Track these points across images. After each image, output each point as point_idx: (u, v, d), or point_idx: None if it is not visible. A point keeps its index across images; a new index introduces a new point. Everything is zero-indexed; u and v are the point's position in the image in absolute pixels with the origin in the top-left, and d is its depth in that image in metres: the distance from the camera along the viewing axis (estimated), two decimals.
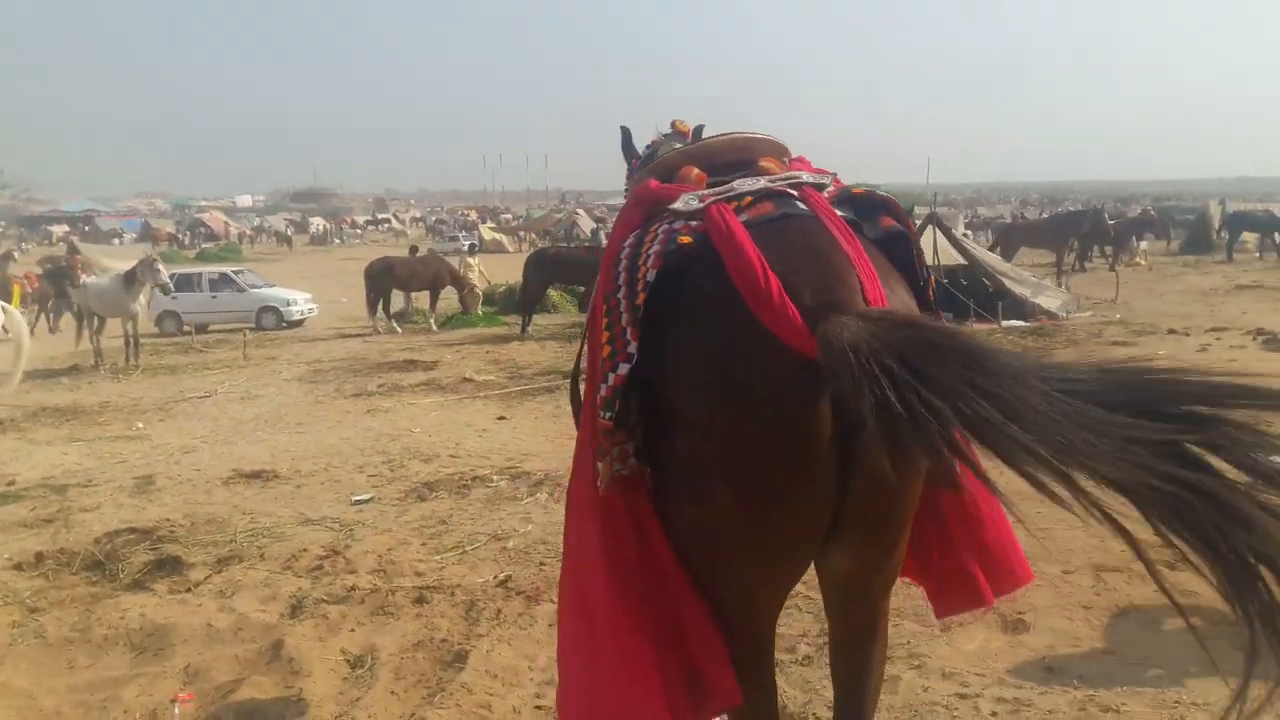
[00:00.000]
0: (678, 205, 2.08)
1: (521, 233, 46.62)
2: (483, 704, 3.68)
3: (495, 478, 7.01)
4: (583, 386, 2.26)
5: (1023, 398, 1.47)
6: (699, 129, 3.22)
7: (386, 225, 68.38)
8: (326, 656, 4.10)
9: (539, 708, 3.66)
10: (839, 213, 2.01)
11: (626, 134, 3.21)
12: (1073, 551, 4.65)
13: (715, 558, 1.93)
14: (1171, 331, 13.24)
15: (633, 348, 1.91)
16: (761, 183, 2.09)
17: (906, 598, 3.87)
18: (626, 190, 3.42)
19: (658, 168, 2.41)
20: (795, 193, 2.04)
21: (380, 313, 17.50)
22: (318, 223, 64.01)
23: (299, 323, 19.27)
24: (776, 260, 1.80)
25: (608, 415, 1.92)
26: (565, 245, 26.91)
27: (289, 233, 57.41)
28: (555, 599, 4.40)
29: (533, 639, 4.21)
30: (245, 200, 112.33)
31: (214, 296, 19.48)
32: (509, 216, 63.10)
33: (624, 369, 1.90)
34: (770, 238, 1.86)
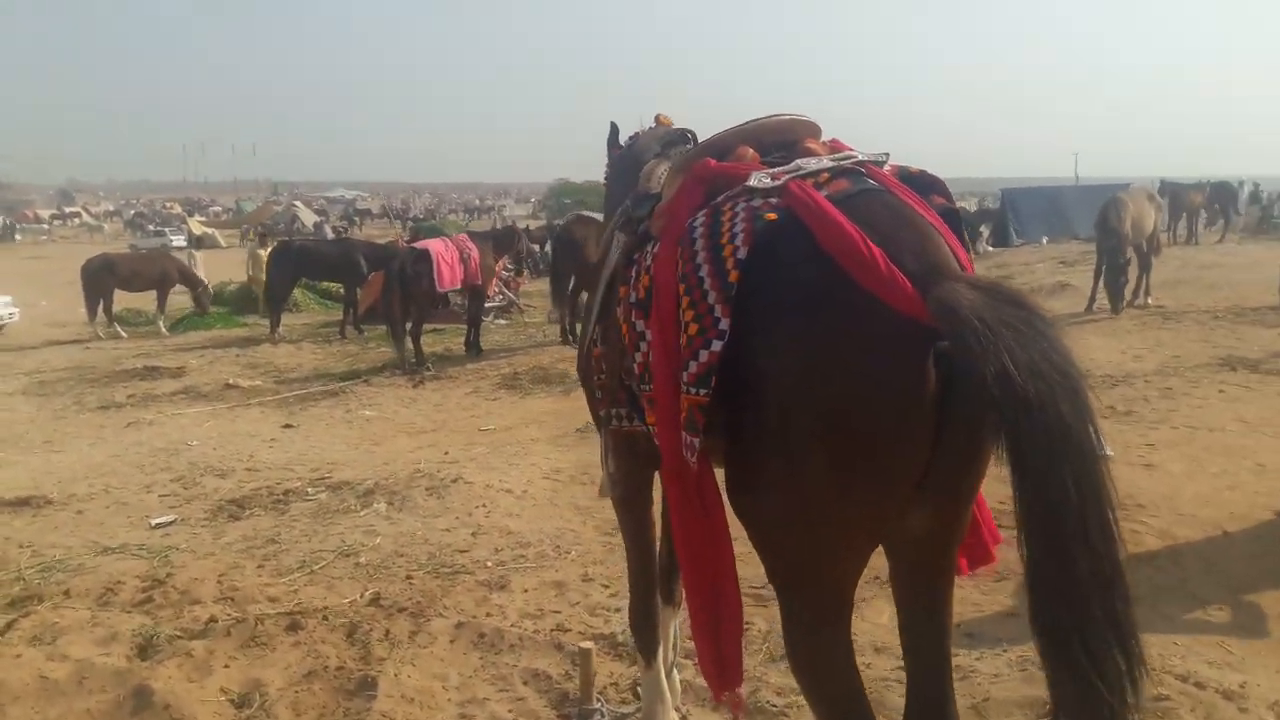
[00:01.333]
0: (752, 183, 2.07)
1: (245, 226, 43.68)
2: None
3: (310, 490, 6.53)
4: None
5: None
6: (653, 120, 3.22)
7: (77, 219, 61.51)
8: (206, 699, 3.63)
9: None
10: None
11: (614, 129, 3.39)
12: None
13: (807, 525, 1.93)
14: None
15: (724, 324, 1.92)
16: (826, 161, 2.11)
17: None
18: (607, 178, 3.39)
19: (709, 148, 2.37)
20: (863, 170, 2.07)
21: (101, 315, 15.77)
22: None
23: None
24: (871, 231, 1.84)
25: (703, 391, 1.95)
26: (311, 239, 25.53)
27: None
28: (444, 614, 4.24)
29: (436, 657, 3.94)
30: None
31: None
32: (218, 209, 58.89)
33: (718, 345, 1.92)
34: (857, 211, 1.90)
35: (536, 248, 18.98)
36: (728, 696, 2.27)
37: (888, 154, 2.19)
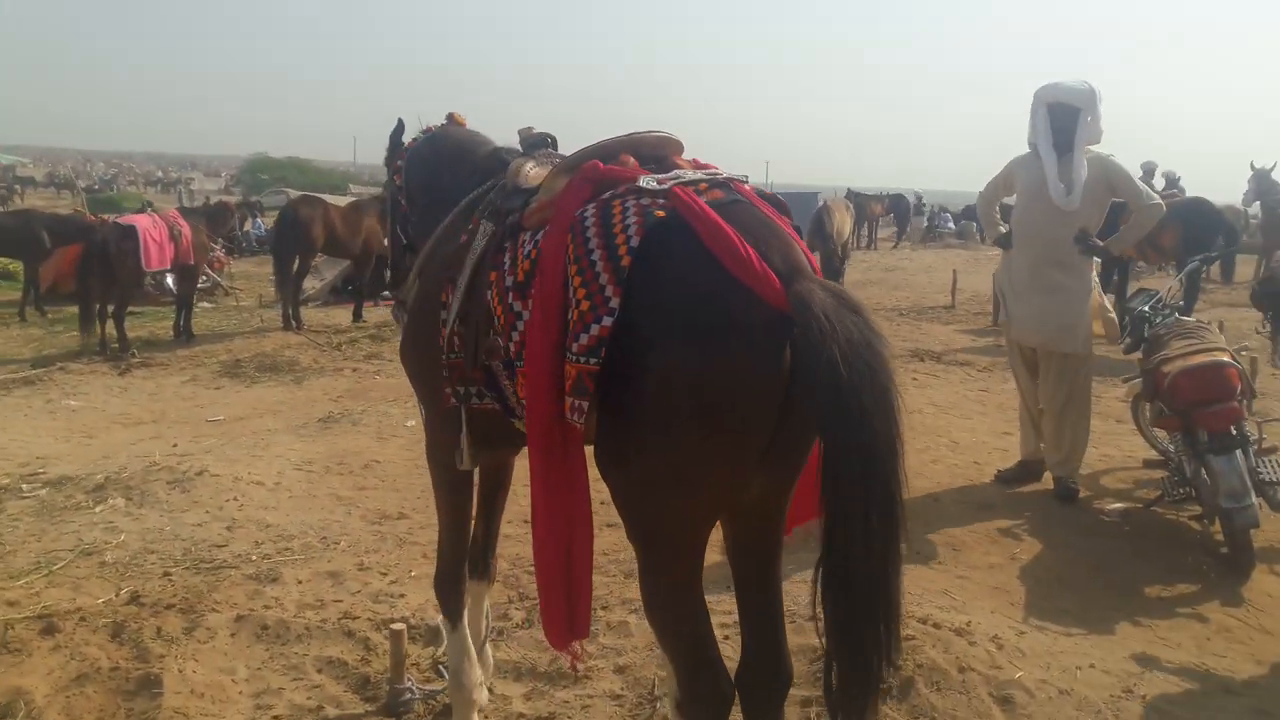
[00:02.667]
0: (642, 184, 2.33)
1: None
2: None
3: (25, 487, 5.94)
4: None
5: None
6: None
7: None
8: None
9: None
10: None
11: (401, 124, 3.61)
12: None
13: (675, 487, 2.19)
14: None
15: (615, 303, 2.16)
16: (701, 174, 2.39)
17: None
18: (393, 176, 3.48)
19: (595, 152, 2.60)
20: (731, 184, 2.39)
21: None
22: None
23: None
24: (746, 234, 2.15)
25: (594, 360, 2.18)
26: None
27: None
28: (217, 609, 4.11)
29: (219, 652, 3.82)
30: None
31: None
32: None
33: (609, 321, 2.16)
34: (733, 217, 2.20)
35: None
36: (572, 647, 2.52)
37: (747, 176, 2.49)
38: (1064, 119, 5.46)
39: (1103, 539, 5.11)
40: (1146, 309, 5.54)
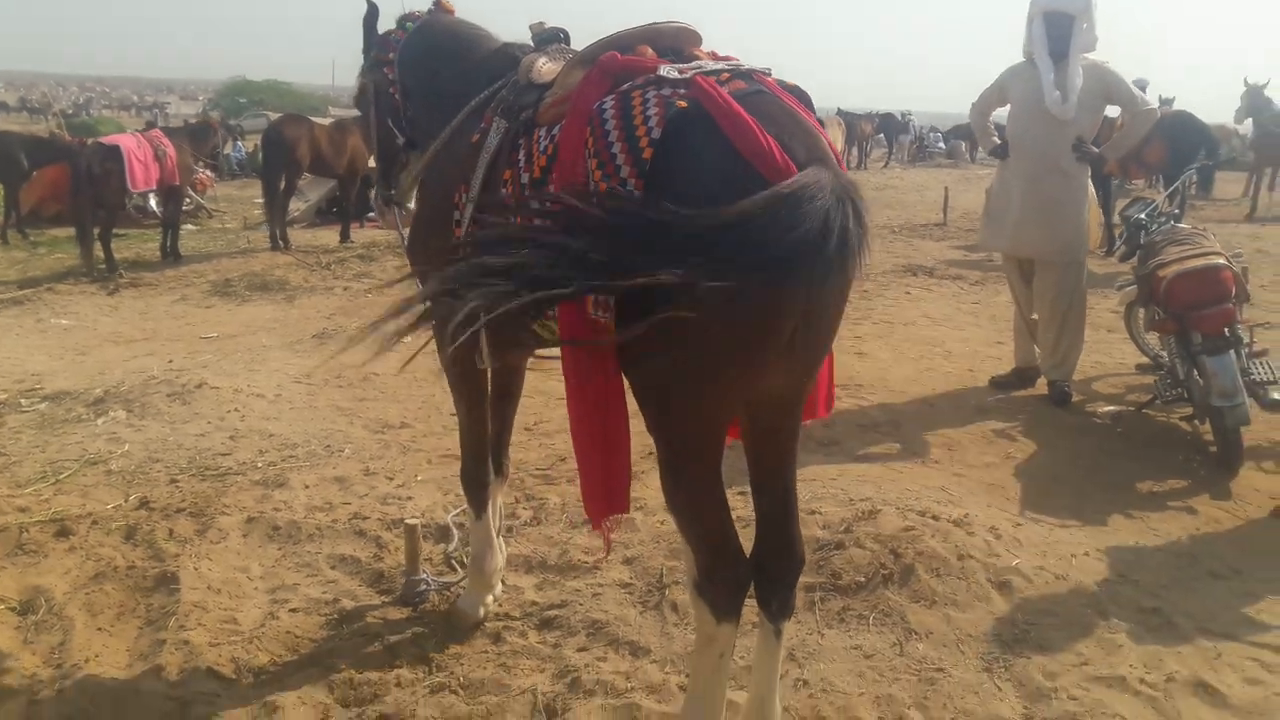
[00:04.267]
0: (663, 73, 2.28)
1: None
2: (225, 619, 3.39)
3: (24, 402, 5.95)
4: None
5: None
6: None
7: None
8: None
9: (279, 617, 3.47)
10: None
11: (373, 9, 3.45)
12: None
13: (696, 384, 2.20)
14: None
15: (637, 195, 2.13)
16: (722, 64, 2.35)
17: None
18: (381, 68, 3.37)
19: (613, 43, 2.53)
20: (753, 75, 2.34)
21: None
22: None
23: None
24: (768, 125, 2.12)
25: None
26: None
27: None
28: (226, 512, 4.17)
29: (232, 551, 3.89)
30: None
31: None
32: None
33: None
34: (755, 108, 2.16)
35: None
36: (610, 521, 2.55)
37: (769, 68, 2.43)
38: (1059, 27, 5.41)
39: (1096, 439, 5.21)
40: (1143, 216, 5.57)
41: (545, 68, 2.75)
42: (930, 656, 3.15)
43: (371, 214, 14.87)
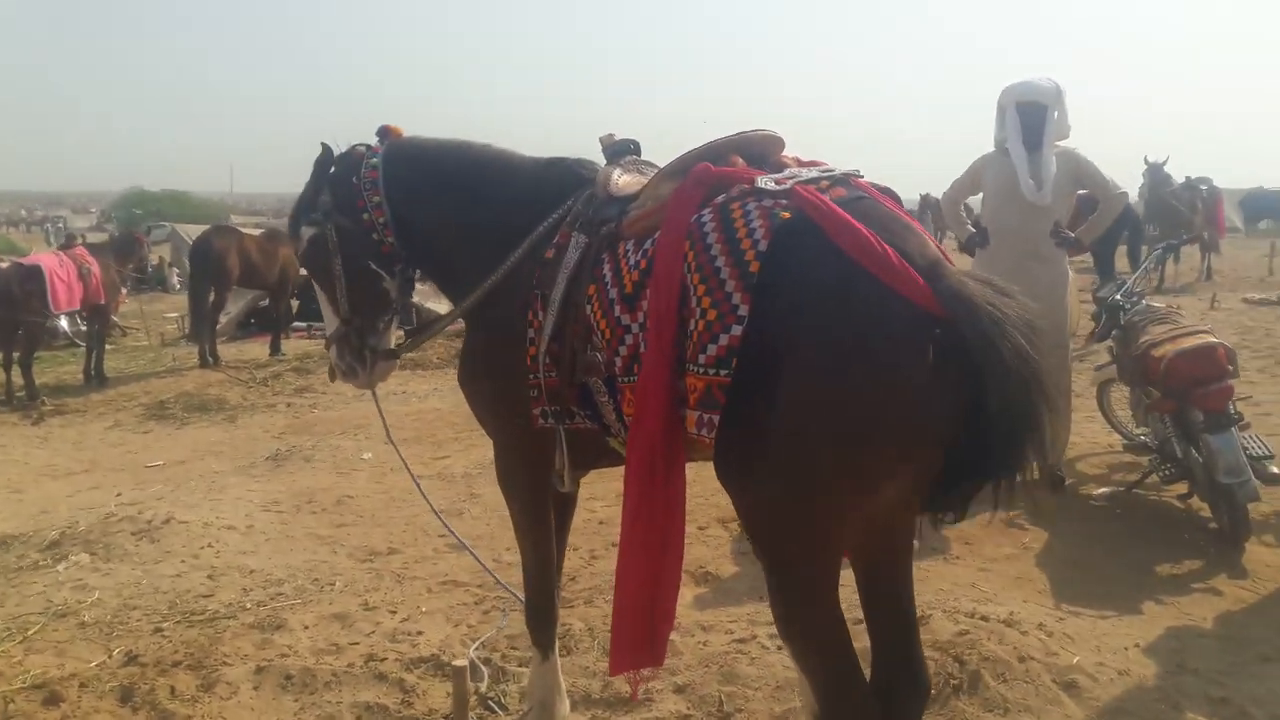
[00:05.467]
0: (761, 185, 2.24)
1: None
2: None
3: None
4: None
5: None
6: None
7: None
8: None
9: None
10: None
11: (329, 153, 3.13)
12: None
13: (809, 508, 2.10)
14: None
15: (743, 310, 2.07)
16: (818, 171, 2.31)
17: None
18: (314, 210, 3.11)
19: (705, 154, 2.46)
20: (850, 180, 2.30)
21: None
22: None
23: None
24: (879, 231, 2.06)
25: (724, 372, 2.09)
26: None
27: None
28: (229, 662, 3.86)
29: (246, 707, 3.57)
30: None
31: None
32: None
33: (738, 330, 2.07)
34: (861, 215, 2.11)
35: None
36: (644, 674, 2.52)
37: (860, 170, 2.39)
38: (1033, 116, 5.59)
39: (1100, 523, 5.23)
40: (1119, 297, 5.72)
41: (623, 180, 2.70)
42: None
43: (299, 324, 14.59)
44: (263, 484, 6.68)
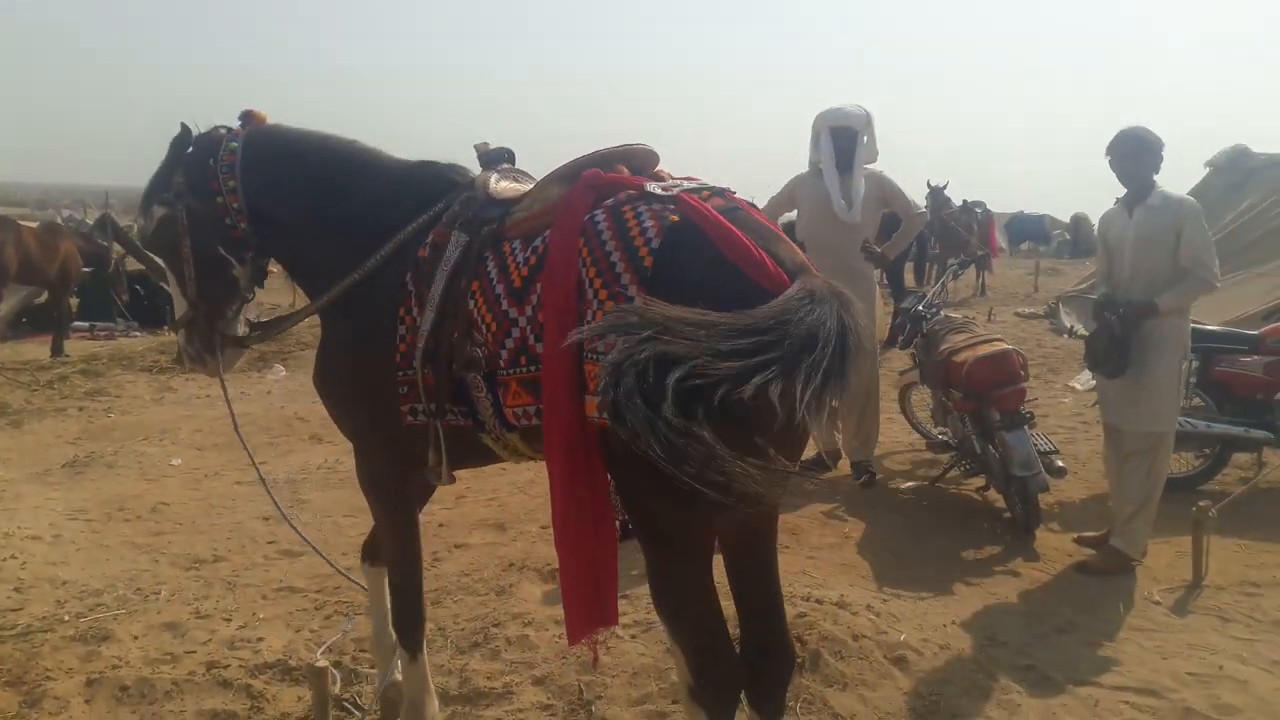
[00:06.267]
0: (650, 189, 2.40)
1: None
2: None
3: None
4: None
5: None
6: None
7: None
8: None
9: None
10: None
11: (186, 133, 3.11)
12: None
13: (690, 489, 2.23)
14: None
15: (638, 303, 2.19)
16: (697, 183, 2.48)
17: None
18: (166, 190, 3.08)
19: (593, 161, 2.58)
20: (724, 193, 2.49)
21: None
22: None
23: None
24: (754, 238, 2.28)
25: None
26: None
27: None
28: (53, 676, 3.66)
29: None
30: None
31: None
32: None
33: None
34: (738, 222, 2.31)
35: None
36: (597, 636, 2.53)
37: (733, 188, 2.56)
38: (844, 140, 6.02)
39: (908, 514, 5.69)
40: (921, 308, 6.22)
41: (502, 185, 2.78)
42: None
43: (80, 324, 13.58)
44: (64, 492, 6.23)
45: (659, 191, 2.38)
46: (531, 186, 2.71)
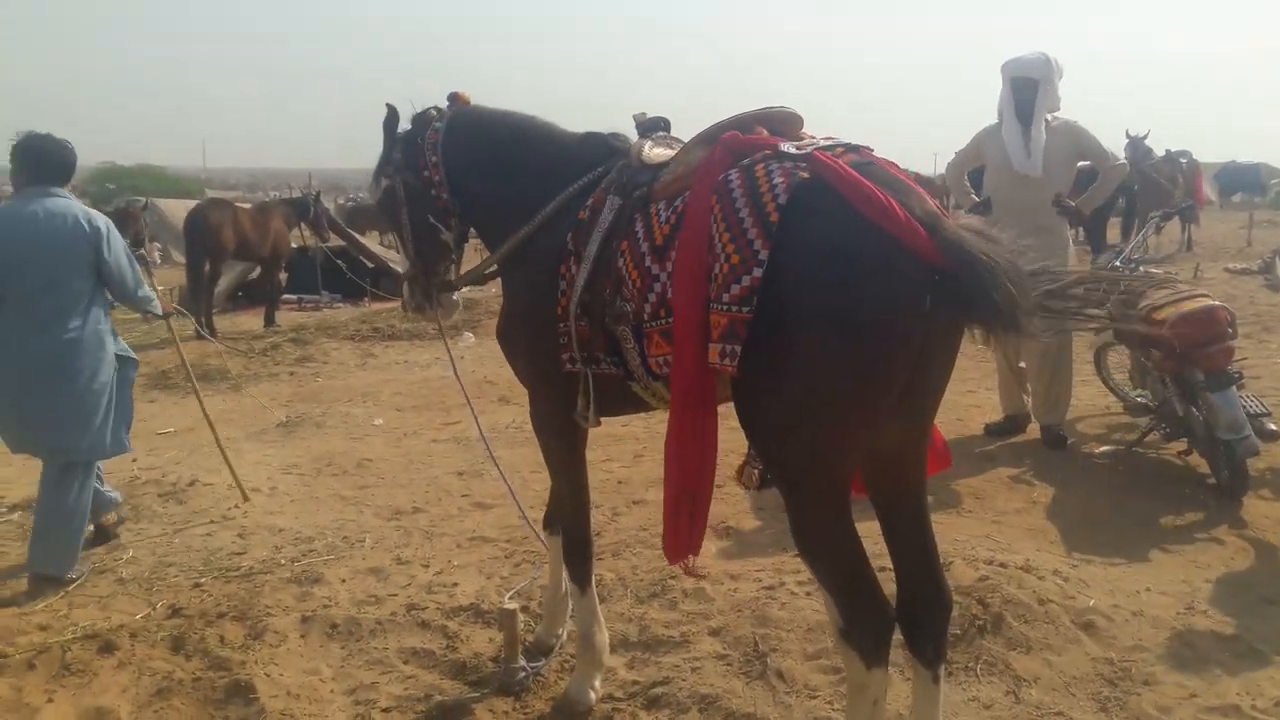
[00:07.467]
0: (784, 149, 2.46)
1: None
2: None
3: None
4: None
5: None
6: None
7: None
8: None
9: (373, 719, 3.32)
10: None
11: (394, 114, 3.43)
12: None
13: (818, 426, 2.35)
14: None
15: (764, 255, 2.30)
16: (833, 141, 2.53)
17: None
18: (388, 165, 3.41)
19: (733, 124, 2.70)
20: (860, 150, 2.51)
21: None
22: None
23: None
24: (887, 190, 2.28)
25: (746, 309, 2.31)
26: None
27: None
28: (272, 613, 3.98)
29: (295, 654, 3.70)
30: None
31: None
32: None
33: (759, 272, 2.30)
34: (870, 175, 2.33)
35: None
36: (689, 561, 2.71)
37: (871, 146, 2.58)
38: (1024, 91, 5.76)
39: (1103, 479, 5.43)
40: (1118, 263, 5.88)
41: (654, 152, 2.94)
42: (1045, 702, 3.21)
43: (289, 297, 14.60)
44: (278, 449, 6.78)
45: (793, 150, 2.44)
46: (678, 151, 2.84)
